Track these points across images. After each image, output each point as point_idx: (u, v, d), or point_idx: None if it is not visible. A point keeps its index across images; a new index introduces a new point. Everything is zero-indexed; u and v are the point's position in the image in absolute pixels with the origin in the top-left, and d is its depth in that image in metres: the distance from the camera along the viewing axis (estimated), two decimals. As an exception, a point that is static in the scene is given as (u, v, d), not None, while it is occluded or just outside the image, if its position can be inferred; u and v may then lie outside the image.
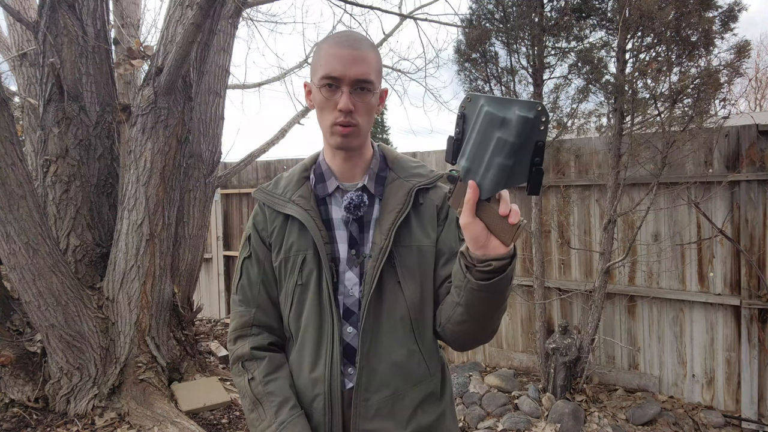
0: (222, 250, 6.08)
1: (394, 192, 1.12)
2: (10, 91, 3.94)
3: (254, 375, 1.10)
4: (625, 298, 3.96)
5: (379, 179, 1.15)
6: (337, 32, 1.10)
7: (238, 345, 1.14)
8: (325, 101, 1.04)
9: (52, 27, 3.28)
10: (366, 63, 1.04)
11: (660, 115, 3.42)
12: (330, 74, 1.02)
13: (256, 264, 1.14)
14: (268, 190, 1.17)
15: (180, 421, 2.98)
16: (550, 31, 3.76)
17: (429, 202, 1.14)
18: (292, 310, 1.10)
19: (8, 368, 3.07)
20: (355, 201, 1.09)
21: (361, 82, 1.03)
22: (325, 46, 1.05)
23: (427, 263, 1.10)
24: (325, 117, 1.06)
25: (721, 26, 3.26)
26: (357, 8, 6.04)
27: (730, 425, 3.52)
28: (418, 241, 1.10)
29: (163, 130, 3.16)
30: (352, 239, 1.10)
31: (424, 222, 1.12)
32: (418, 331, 1.09)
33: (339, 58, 1.02)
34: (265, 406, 1.06)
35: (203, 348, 4.65)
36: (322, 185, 1.14)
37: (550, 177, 4.22)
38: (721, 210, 3.61)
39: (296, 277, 1.09)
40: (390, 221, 1.08)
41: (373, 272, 1.06)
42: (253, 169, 5.89)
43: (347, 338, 1.08)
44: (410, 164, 1.18)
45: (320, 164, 1.16)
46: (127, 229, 3.20)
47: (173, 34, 3.19)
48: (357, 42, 1.05)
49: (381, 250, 1.06)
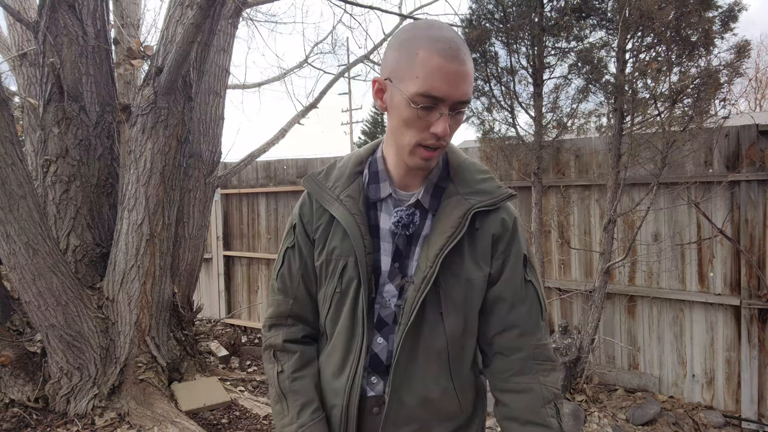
0: (222, 250, 6.08)
1: (449, 210, 0.99)
2: (10, 91, 3.94)
3: (284, 368, 1.09)
4: (625, 298, 3.96)
5: (436, 191, 1.02)
6: (435, 30, 0.89)
7: (273, 333, 1.13)
8: (417, 120, 0.89)
9: (52, 27, 3.28)
10: (470, 80, 0.89)
11: (660, 115, 3.41)
12: (431, 93, 0.86)
13: (299, 256, 1.10)
14: (318, 180, 1.07)
15: (180, 421, 2.98)
16: (550, 31, 3.76)
17: (486, 229, 1.01)
18: (329, 313, 1.07)
19: (8, 368, 3.07)
20: (405, 220, 1.00)
21: (461, 104, 0.90)
22: (427, 53, 0.86)
23: (475, 297, 1.01)
24: (409, 134, 0.92)
25: (721, 26, 3.26)
26: (357, 8, 6.05)
27: (730, 425, 3.52)
28: (468, 272, 1.00)
29: (163, 130, 3.16)
30: (397, 252, 1.02)
31: (477, 251, 1.00)
32: (454, 367, 1.02)
33: (445, 75, 0.86)
34: (289, 403, 1.06)
35: (203, 348, 4.66)
36: (374, 187, 1.03)
37: (551, 177, 4.22)
38: (721, 210, 3.61)
39: (336, 283, 1.03)
40: (438, 246, 0.97)
41: (413, 302, 0.97)
42: (253, 169, 5.89)
43: (376, 348, 1.03)
44: (475, 176, 1.03)
45: (377, 161, 1.05)
46: (127, 229, 3.20)
47: (173, 34, 3.20)
48: (463, 53, 0.87)
49: (425, 278, 0.97)
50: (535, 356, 1.01)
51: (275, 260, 1.16)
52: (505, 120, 4.05)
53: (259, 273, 5.88)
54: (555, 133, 3.92)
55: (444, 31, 0.89)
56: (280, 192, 5.65)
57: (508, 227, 1.02)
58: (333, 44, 20.40)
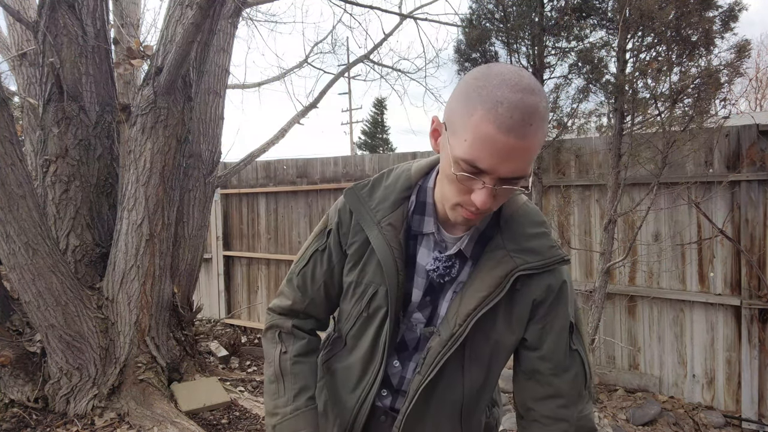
0: (222, 250, 6.08)
1: (491, 266, 0.91)
2: (10, 91, 3.94)
3: (288, 349, 1.07)
4: (626, 298, 3.96)
5: (481, 239, 0.95)
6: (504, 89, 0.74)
7: (282, 319, 1.11)
8: (458, 183, 0.81)
9: (51, 27, 3.27)
10: (529, 156, 0.76)
11: (660, 115, 3.41)
12: (476, 164, 0.76)
13: (327, 263, 1.05)
14: (361, 196, 0.99)
15: (180, 421, 2.98)
16: (550, 31, 3.76)
17: (528, 293, 0.93)
18: (353, 330, 1.05)
19: (8, 368, 3.07)
20: (441, 271, 0.94)
21: (512, 180, 0.79)
22: (482, 116, 0.74)
23: (502, 358, 0.98)
24: (451, 192, 0.84)
25: (721, 26, 3.26)
26: (357, 8, 6.04)
27: (730, 425, 3.52)
28: (499, 334, 0.94)
29: (163, 130, 3.16)
30: (431, 288, 0.98)
31: (513, 315, 0.94)
32: (465, 416, 1.01)
33: (495, 148, 0.74)
34: (287, 384, 1.05)
35: (203, 348, 4.65)
36: (419, 218, 0.97)
37: (551, 177, 4.21)
38: (721, 210, 3.61)
39: (363, 307, 1.00)
40: (472, 306, 0.90)
41: (436, 357, 0.93)
42: (252, 169, 5.89)
43: (390, 371, 1.02)
44: (527, 230, 0.93)
45: (426, 192, 0.97)
46: (127, 229, 3.20)
47: (173, 34, 3.19)
48: (526, 124, 0.73)
49: (453, 336, 0.91)
50: (577, 429, 0.96)
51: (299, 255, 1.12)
52: (505, 120, 4.05)
53: (258, 273, 5.87)
54: (555, 133, 3.91)
55: (516, 91, 0.74)
56: (280, 192, 5.65)
57: (553, 292, 0.94)
58: (333, 44, 20.37)
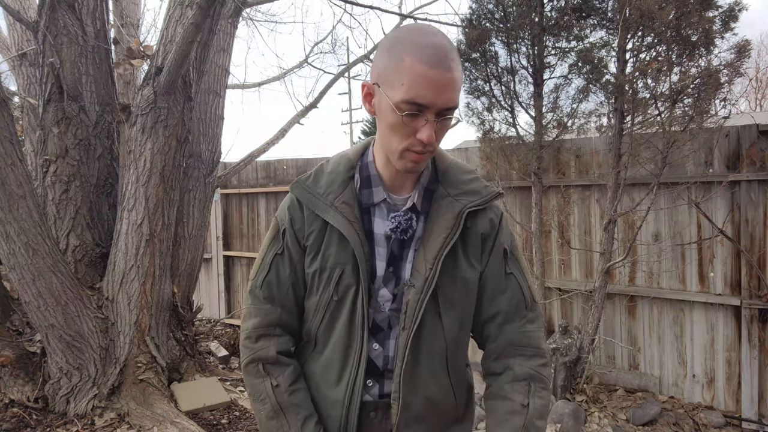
0: (222, 250, 6.08)
1: (442, 212, 1.01)
2: (10, 91, 3.94)
3: (279, 382, 1.04)
4: (626, 298, 3.96)
5: (427, 194, 1.04)
6: (422, 36, 0.89)
7: (262, 344, 1.06)
8: (403, 126, 0.90)
9: (51, 27, 3.27)
10: (456, 86, 0.89)
11: (660, 115, 3.41)
12: (416, 101, 0.87)
13: (289, 263, 1.06)
14: (307, 187, 1.05)
15: (180, 421, 2.97)
16: (550, 31, 3.76)
17: (476, 228, 1.04)
18: (323, 323, 1.05)
19: (8, 368, 3.07)
20: (403, 225, 1.00)
21: (448, 110, 0.90)
22: (410, 60, 0.86)
23: (470, 296, 1.05)
24: (397, 140, 0.93)
25: (721, 26, 3.26)
26: (357, 8, 6.04)
27: (730, 425, 3.52)
28: (463, 272, 1.02)
29: (163, 130, 3.16)
30: (392, 257, 1.02)
31: (469, 250, 1.03)
32: (451, 363, 1.05)
33: (429, 82, 0.86)
34: (290, 417, 1.02)
35: (203, 348, 4.65)
36: (367, 192, 1.03)
37: (551, 177, 4.21)
38: (721, 210, 3.61)
39: (332, 291, 1.02)
40: (436, 248, 0.98)
41: (416, 306, 0.98)
42: (252, 169, 5.89)
43: (372, 354, 1.04)
44: (463, 177, 1.06)
45: (368, 166, 1.04)
46: (127, 229, 3.20)
47: (173, 34, 3.19)
48: (449, 60, 0.87)
49: (426, 281, 0.98)
50: (514, 341, 1.05)
51: (257, 267, 1.10)
52: (505, 120, 4.05)
53: (259, 273, 5.87)
54: (555, 133, 3.91)
55: (432, 36, 0.89)
56: (280, 192, 5.65)
57: (495, 225, 1.06)
58: (333, 44, 20.38)
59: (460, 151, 4.73)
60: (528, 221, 4.16)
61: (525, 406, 1.00)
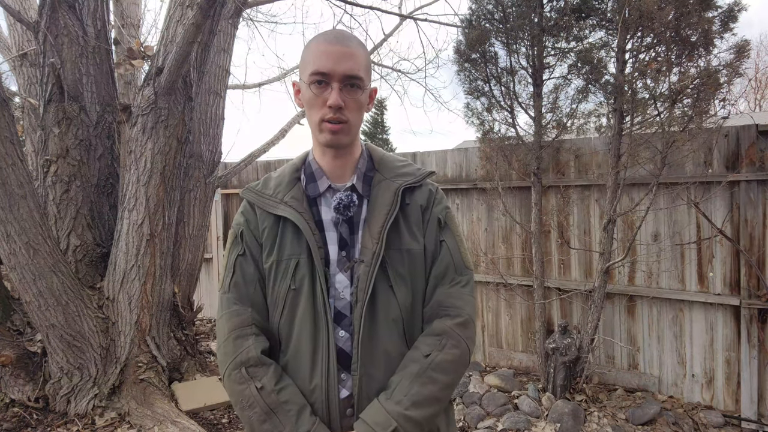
0: (222, 250, 6.08)
1: (381, 193, 1.11)
2: (11, 91, 3.95)
3: (264, 383, 1.03)
4: (625, 298, 3.96)
5: (366, 179, 1.14)
6: (325, 30, 1.10)
7: (241, 347, 1.06)
8: (315, 98, 1.04)
9: (52, 27, 3.28)
10: (355, 59, 1.04)
11: (660, 115, 3.42)
12: (319, 70, 1.02)
13: (252, 262, 1.12)
14: (257, 190, 1.16)
15: (180, 420, 2.98)
16: (549, 32, 3.76)
17: (415, 202, 1.14)
18: (283, 314, 1.07)
19: (9, 368, 3.07)
20: (345, 201, 1.09)
21: (350, 78, 1.03)
22: (314, 44, 1.05)
23: (418, 267, 1.11)
24: (314, 114, 1.06)
25: (720, 26, 3.26)
26: (357, 8, 6.05)
27: (729, 425, 3.52)
28: (408, 244, 1.10)
29: (164, 130, 3.16)
30: (343, 241, 1.09)
31: (411, 224, 1.12)
32: (408, 334, 1.09)
33: (328, 54, 1.02)
34: (281, 416, 1.00)
35: (203, 348, 4.66)
36: (313, 185, 1.13)
37: (550, 177, 4.22)
38: (720, 210, 3.61)
39: (289, 281, 1.06)
40: (380, 224, 1.07)
41: (367, 278, 1.04)
42: (253, 169, 5.90)
43: (339, 342, 1.06)
44: (396, 164, 1.18)
45: (310, 164, 1.15)
46: (128, 229, 3.20)
47: (173, 35, 3.20)
48: (345, 39, 1.05)
49: (374, 254, 1.05)
50: (441, 302, 1.11)
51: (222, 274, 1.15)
52: (504, 120, 4.05)
53: (259, 273, 5.87)
54: (555, 133, 3.92)
55: (335, 29, 1.10)
56: (280, 192, 5.65)
57: (432, 197, 1.16)
58: (333, 44, 20.29)
59: (459, 152, 4.74)
60: (527, 221, 4.16)
61: (426, 356, 1.04)
